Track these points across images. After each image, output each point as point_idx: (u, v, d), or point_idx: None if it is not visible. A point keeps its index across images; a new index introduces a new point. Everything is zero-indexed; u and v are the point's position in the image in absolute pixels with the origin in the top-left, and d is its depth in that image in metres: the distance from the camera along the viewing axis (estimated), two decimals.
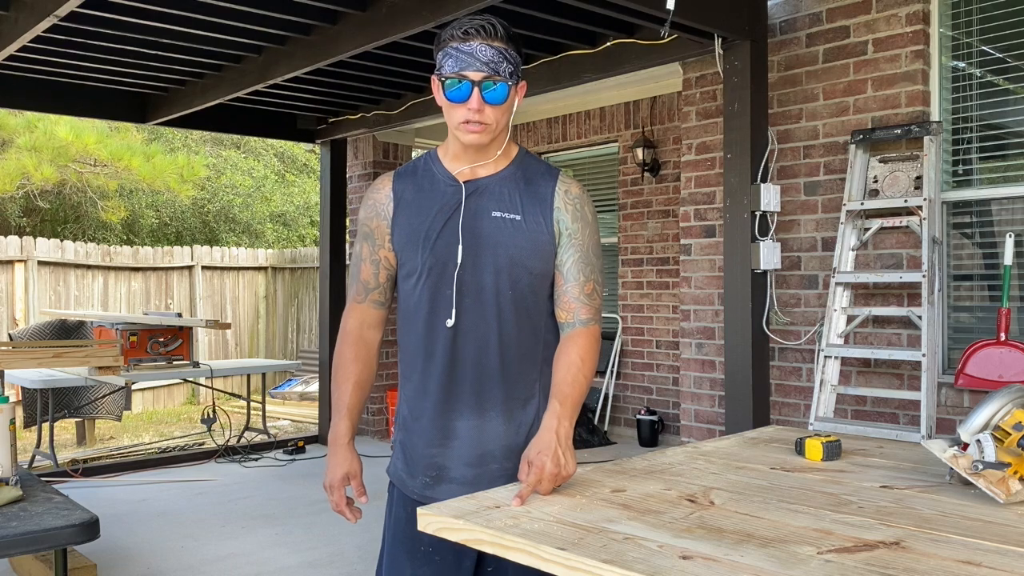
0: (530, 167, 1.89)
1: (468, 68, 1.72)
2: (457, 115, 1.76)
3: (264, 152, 15.75)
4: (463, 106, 1.75)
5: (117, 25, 4.42)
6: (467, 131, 1.76)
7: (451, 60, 1.73)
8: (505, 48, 1.75)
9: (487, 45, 1.73)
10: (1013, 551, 1.22)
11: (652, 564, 1.16)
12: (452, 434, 1.80)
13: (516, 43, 1.78)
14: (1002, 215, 3.83)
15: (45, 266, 9.09)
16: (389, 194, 1.87)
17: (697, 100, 4.77)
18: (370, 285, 1.90)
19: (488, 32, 1.73)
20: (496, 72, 1.73)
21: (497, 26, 1.74)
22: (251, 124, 6.63)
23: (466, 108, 1.74)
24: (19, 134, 10.84)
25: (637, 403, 6.89)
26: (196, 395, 10.24)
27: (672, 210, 6.62)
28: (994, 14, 3.79)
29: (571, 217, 1.82)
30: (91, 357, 5.42)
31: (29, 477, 3.32)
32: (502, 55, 1.74)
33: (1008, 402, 1.57)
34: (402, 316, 1.88)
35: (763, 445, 2.03)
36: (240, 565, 3.95)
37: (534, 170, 1.88)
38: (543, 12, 4.20)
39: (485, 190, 1.83)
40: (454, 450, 1.80)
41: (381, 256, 1.88)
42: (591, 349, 1.78)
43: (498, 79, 1.74)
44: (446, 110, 1.78)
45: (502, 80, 1.74)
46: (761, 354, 4.11)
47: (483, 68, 1.72)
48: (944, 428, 3.72)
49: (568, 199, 1.84)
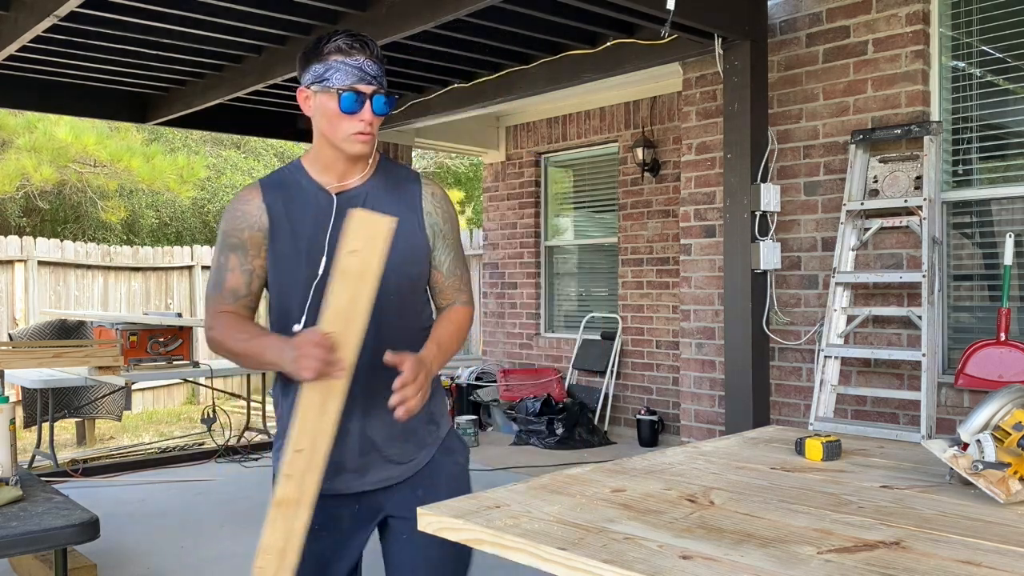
0: (392, 172, 1.94)
1: (360, 82, 1.79)
2: (348, 127, 1.80)
3: (264, 152, 15.75)
4: (355, 118, 1.79)
5: (117, 25, 4.42)
6: (358, 141, 1.81)
7: (339, 73, 1.78)
8: (381, 63, 1.85)
9: (371, 60, 1.81)
10: (1013, 551, 1.22)
11: (652, 564, 1.16)
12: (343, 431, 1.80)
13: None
14: (1002, 215, 3.83)
15: (45, 266, 9.09)
16: (261, 205, 1.84)
17: (697, 100, 4.77)
18: (240, 293, 1.86)
19: (371, 48, 1.82)
20: (381, 85, 1.82)
21: (374, 43, 1.84)
22: (251, 124, 6.63)
23: (358, 119, 1.79)
24: (19, 134, 10.84)
25: (637, 403, 6.89)
26: (196, 395, 10.24)
27: (672, 210, 6.62)
28: (994, 14, 3.79)
29: (442, 219, 1.93)
30: (91, 357, 5.42)
31: (29, 477, 3.32)
32: (382, 70, 1.84)
33: (1008, 402, 1.57)
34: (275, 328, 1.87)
35: (763, 445, 2.03)
36: (240, 565, 3.95)
37: (397, 175, 1.94)
38: (543, 12, 4.20)
39: (356, 199, 1.86)
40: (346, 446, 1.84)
41: (255, 266, 1.86)
42: (466, 322, 1.96)
43: (382, 92, 1.82)
44: (332, 121, 1.80)
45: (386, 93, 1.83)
46: (761, 354, 4.11)
47: (372, 81, 1.80)
48: (944, 428, 3.72)
49: (435, 201, 1.93)
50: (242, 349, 1.79)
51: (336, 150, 1.84)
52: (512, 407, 7.01)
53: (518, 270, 7.87)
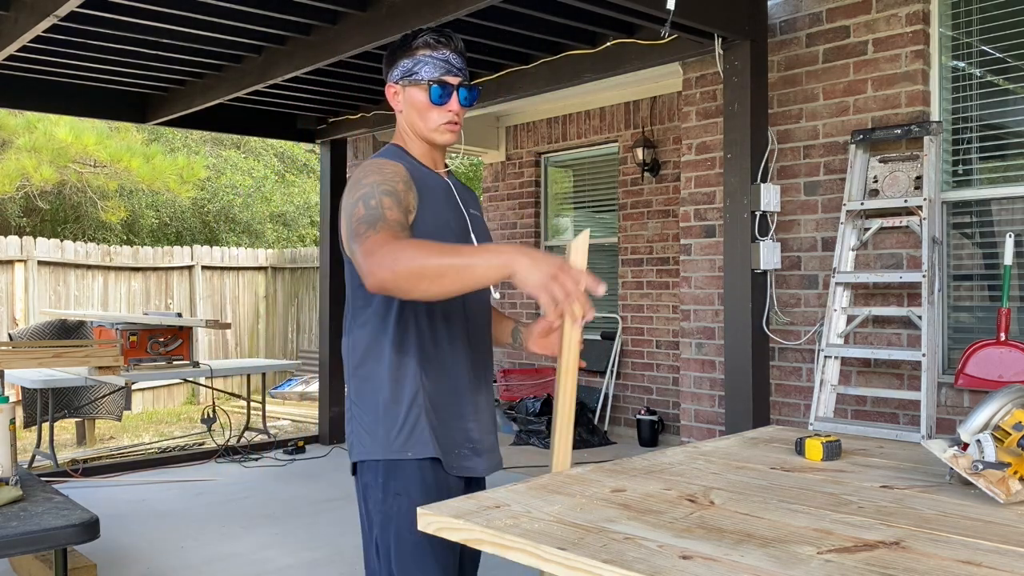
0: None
1: (447, 74, 1.90)
2: (438, 117, 1.91)
3: (264, 152, 15.75)
4: (444, 108, 1.90)
5: (117, 25, 4.42)
6: (447, 131, 1.92)
7: (427, 67, 1.89)
8: (464, 57, 1.96)
9: (455, 54, 1.93)
10: (1013, 551, 1.22)
11: (652, 564, 1.16)
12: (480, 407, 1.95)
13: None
14: (1002, 215, 3.83)
15: (45, 266, 9.09)
16: (408, 174, 1.83)
17: (697, 100, 4.77)
18: (404, 224, 1.69)
19: (455, 42, 1.93)
20: (466, 77, 1.95)
21: (458, 38, 1.95)
22: (251, 124, 6.63)
23: (447, 110, 1.90)
24: (19, 134, 10.84)
25: (637, 403, 6.89)
26: (196, 395, 10.24)
27: (672, 210, 6.62)
28: (994, 14, 3.79)
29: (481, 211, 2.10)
30: (91, 357, 5.42)
31: (29, 477, 3.32)
32: (465, 63, 1.96)
33: (1008, 402, 1.57)
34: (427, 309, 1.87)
35: (763, 445, 2.03)
36: (240, 565, 3.95)
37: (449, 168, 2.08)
38: (543, 12, 4.19)
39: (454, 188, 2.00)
40: (482, 423, 1.95)
41: (405, 209, 1.74)
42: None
43: (466, 84, 1.94)
44: (422, 113, 1.90)
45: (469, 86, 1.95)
46: (761, 354, 4.11)
47: (458, 73, 1.92)
48: (944, 428, 3.72)
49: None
50: (450, 260, 1.50)
51: (424, 143, 1.94)
52: (512, 407, 7.01)
53: None
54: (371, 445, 1.85)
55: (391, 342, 1.85)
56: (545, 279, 1.45)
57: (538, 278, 1.45)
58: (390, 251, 1.54)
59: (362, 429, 1.88)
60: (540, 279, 1.45)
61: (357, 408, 1.89)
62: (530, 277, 1.46)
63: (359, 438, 1.88)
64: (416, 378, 1.84)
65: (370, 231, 1.61)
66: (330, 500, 5.10)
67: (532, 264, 1.46)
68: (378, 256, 1.54)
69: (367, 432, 1.86)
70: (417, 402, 1.84)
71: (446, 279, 1.50)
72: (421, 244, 1.54)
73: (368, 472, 1.86)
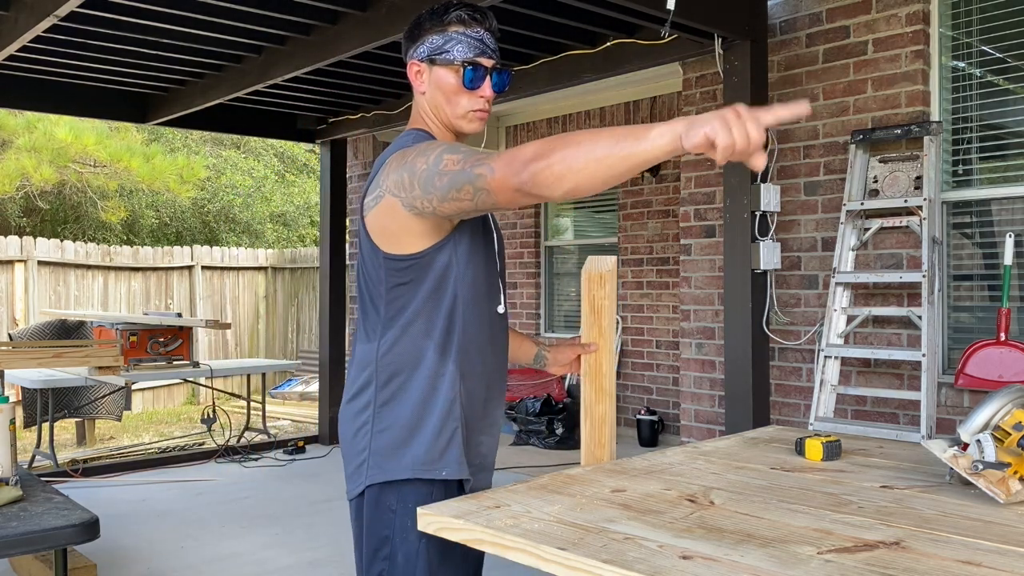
0: None
1: (482, 55, 1.68)
2: (468, 103, 1.69)
3: (264, 152, 15.74)
4: (475, 93, 1.69)
5: (117, 25, 4.42)
6: (476, 119, 1.71)
7: (460, 46, 1.66)
8: (497, 36, 1.74)
9: (489, 33, 1.71)
10: (1013, 551, 1.22)
11: (652, 564, 1.16)
12: (495, 421, 1.81)
13: None
14: (1002, 215, 3.83)
15: (45, 266, 9.09)
16: None
17: (697, 100, 4.77)
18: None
19: (490, 20, 1.71)
20: (499, 60, 1.72)
21: (492, 15, 1.72)
22: (251, 124, 6.63)
23: (479, 95, 1.69)
24: (19, 134, 10.84)
25: (637, 403, 6.89)
26: (196, 395, 10.24)
27: (672, 210, 6.62)
28: (994, 14, 3.79)
29: None
30: (91, 357, 5.42)
31: (29, 477, 3.32)
32: (498, 43, 1.74)
33: (1008, 402, 1.57)
34: (464, 300, 1.67)
35: (763, 445, 2.03)
36: (240, 565, 3.95)
37: None
38: (543, 12, 4.19)
39: None
40: (493, 438, 1.81)
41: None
42: None
43: (500, 67, 1.71)
44: (450, 97, 1.68)
45: (502, 68, 1.72)
46: (761, 354, 4.11)
47: (493, 55, 1.70)
48: (944, 428, 3.72)
49: None
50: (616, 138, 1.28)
51: (447, 130, 1.73)
52: (512, 407, 7.01)
53: (518, 270, 7.87)
54: (399, 464, 1.64)
55: (435, 345, 1.65)
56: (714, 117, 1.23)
57: (707, 120, 1.23)
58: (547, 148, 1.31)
59: (388, 446, 1.65)
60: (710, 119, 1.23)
61: (381, 421, 1.66)
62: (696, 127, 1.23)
63: (383, 457, 1.65)
64: (455, 386, 1.67)
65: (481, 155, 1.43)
66: (330, 500, 5.10)
67: (692, 123, 1.24)
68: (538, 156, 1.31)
69: (394, 448, 1.64)
70: (453, 415, 1.66)
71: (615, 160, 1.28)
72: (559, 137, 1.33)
73: (391, 494, 1.64)
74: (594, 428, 1.84)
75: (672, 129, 1.25)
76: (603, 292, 1.82)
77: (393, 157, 1.61)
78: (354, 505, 1.71)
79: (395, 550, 1.63)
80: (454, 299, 1.65)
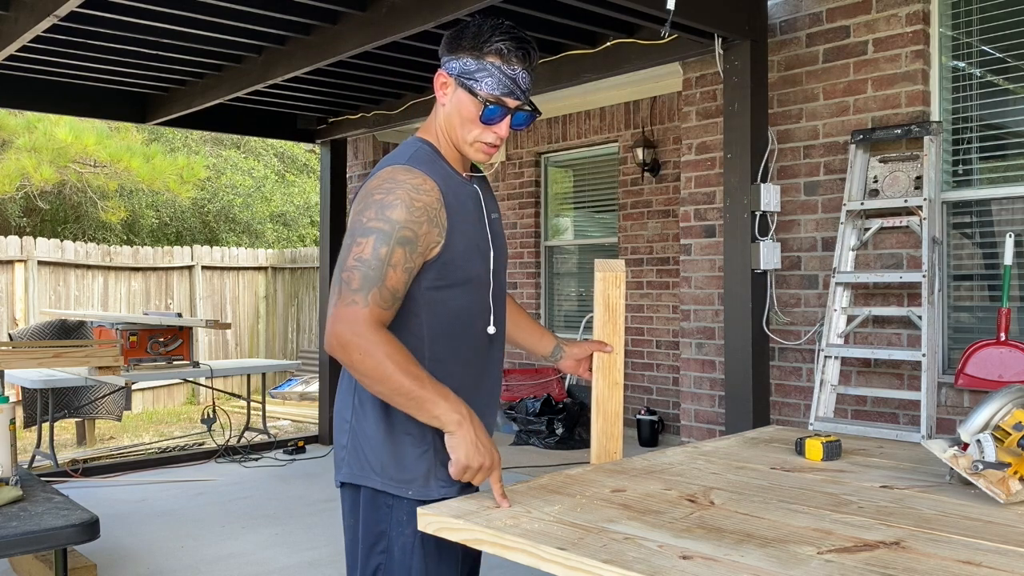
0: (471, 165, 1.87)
1: (509, 95, 1.67)
2: (480, 135, 1.69)
3: (264, 152, 15.74)
4: (490, 129, 1.69)
5: (117, 25, 4.42)
6: (482, 151, 1.72)
7: (491, 79, 1.65)
8: (534, 75, 1.73)
9: (526, 72, 1.69)
10: (1013, 551, 1.22)
11: (652, 564, 1.16)
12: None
13: None
14: (1002, 215, 3.83)
15: (45, 266, 9.09)
16: (440, 199, 1.64)
17: (697, 100, 4.77)
18: (398, 295, 1.60)
19: (532, 58, 1.70)
20: (526, 100, 1.71)
21: (536, 52, 1.70)
22: (251, 124, 6.63)
23: (492, 131, 1.69)
24: (19, 135, 10.84)
25: (637, 403, 6.89)
26: (196, 395, 10.24)
27: (672, 210, 6.62)
28: (994, 14, 3.79)
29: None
30: (91, 357, 5.42)
31: (29, 477, 3.32)
32: (532, 81, 1.72)
33: (1008, 402, 1.57)
34: (440, 326, 1.69)
35: (763, 445, 2.03)
36: (240, 565, 3.95)
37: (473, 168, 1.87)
38: (543, 12, 4.19)
39: (482, 195, 1.80)
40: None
41: (415, 265, 1.62)
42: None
43: (525, 108, 1.71)
44: (464, 124, 1.68)
45: (528, 109, 1.72)
46: (761, 354, 4.10)
47: (521, 97, 1.69)
48: (944, 428, 3.71)
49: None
50: (409, 389, 1.52)
51: (454, 149, 1.73)
52: (512, 407, 7.00)
53: (518, 270, 7.87)
54: (371, 470, 1.66)
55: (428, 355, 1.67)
56: (467, 462, 1.55)
57: (463, 456, 1.55)
58: (367, 341, 1.52)
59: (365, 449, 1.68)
60: (463, 458, 1.55)
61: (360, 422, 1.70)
62: (458, 450, 1.55)
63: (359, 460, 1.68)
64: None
65: (358, 295, 1.54)
66: (330, 500, 5.10)
67: (471, 444, 1.55)
68: (352, 334, 1.52)
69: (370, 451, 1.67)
70: (425, 429, 1.65)
71: (399, 398, 1.54)
72: (400, 353, 1.54)
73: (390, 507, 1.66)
74: (607, 422, 1.91)
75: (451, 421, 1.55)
76: (618, 292, 1.92)
77: (385, 171, 1.65)
78: (347, 496, 1.74)
79: (391, 544, 1.65)
80: (424, 328, 1.68)
